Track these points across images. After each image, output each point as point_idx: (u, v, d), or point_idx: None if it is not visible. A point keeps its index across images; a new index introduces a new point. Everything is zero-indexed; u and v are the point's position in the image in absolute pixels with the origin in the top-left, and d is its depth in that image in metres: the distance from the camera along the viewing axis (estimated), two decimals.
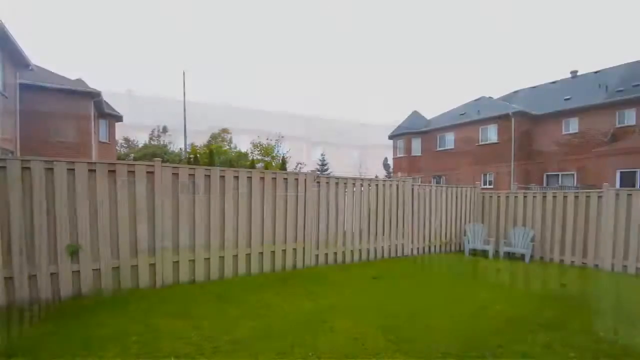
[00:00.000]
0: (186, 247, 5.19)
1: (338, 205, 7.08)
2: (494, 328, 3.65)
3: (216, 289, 4.91)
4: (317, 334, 3.36)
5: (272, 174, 6.21)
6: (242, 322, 3.65)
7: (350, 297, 4.70)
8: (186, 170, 5.24)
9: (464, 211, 9.61)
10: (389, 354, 2.98)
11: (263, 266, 6.01)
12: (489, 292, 5.10)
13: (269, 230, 6.07)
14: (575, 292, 5.22)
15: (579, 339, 3.39)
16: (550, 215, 8.03)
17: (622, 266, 6.83)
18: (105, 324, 3.51)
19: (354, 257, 7.36)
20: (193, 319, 3.72)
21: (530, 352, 3.08)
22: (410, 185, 8.45)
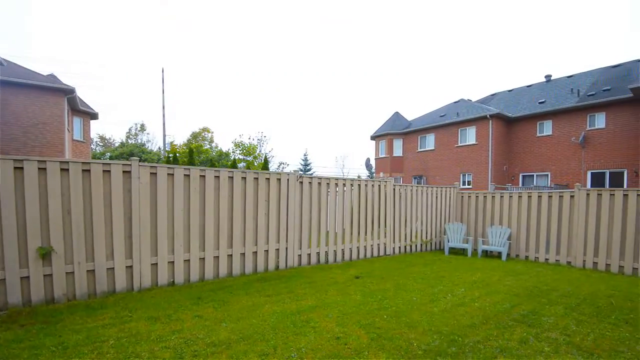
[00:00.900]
0: (165, 249, 5.07)
1: (321, 205, 7.09)
2: (472, 324, 3.74)
3: (196, 292, 4.82)
4: (300, 335, 3.35)
5: (254, 173, 6.15)
6: (223, 324, 3.60)
7: (333, 297, 4.71)
8: (164, 170, 5.12)
9: (444, 211, 9.82)
10: (372, 352, 3.01)
11: (245, 267, 5.94)
12: (467, 290, 5.23)
13: (251, 231, 6.01)
14: (548, 288, 5.42)
15: (553, 334, 3.52)
16: (526, 215, 8.31)
17: (593, 263, 7.15)
18: (79, 330, 3.38)
19: (337, 257, 7.38)
20: (172, 322, 3.64)
21: (507, 347, 3.17)
22: (392, 185, 8.55)
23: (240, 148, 23.07)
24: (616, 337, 3.46)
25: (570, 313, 4.20)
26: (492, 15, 75.93)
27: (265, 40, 78.42)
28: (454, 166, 22.01)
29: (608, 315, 4.12)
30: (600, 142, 17.12)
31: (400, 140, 25.81)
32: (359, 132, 78.85)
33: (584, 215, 7.30)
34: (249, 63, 77.44)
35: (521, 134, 20.45)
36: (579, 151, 17.86)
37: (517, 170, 20.58)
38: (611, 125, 16.79)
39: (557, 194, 7.81)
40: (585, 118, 17.74)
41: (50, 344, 3.04)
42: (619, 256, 6.78)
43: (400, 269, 6.71)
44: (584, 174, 17.63)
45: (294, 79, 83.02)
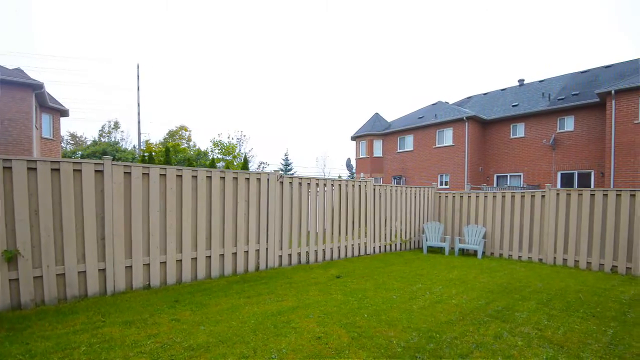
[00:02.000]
0: (140, 251, 4.92)
1: (301, 205, 7.07)
2: (449, 321, 3.83)
3: (173, 295, 4.70)
4: (281, 336, 3.32)
5: (233, 173, 6.06)
6: (201, 327, 3.52)
7: (314, 297, 4.70)
8: (139, 170, 4.96)
9: (423, 210, 10.01)
10: (352, 351, 3.02)
11: (224, 269, 5.84)
12: (445, 287, 5.35)
13: (230, 232, 5.92)
14: (521, 284, 5.61)
15: (525, 328, 3.65)
16: (500, 214, 8.60)
17: (563, 259, 7.47)
18: (48, 336, 3.22)
19: (318, 257, 7.39)
20: (148, 326, 3.52)
21: (482, 342, 3.26)
22: (372, 185, 8.64)
23: (219, 147, 22.69)
24: (584, 330, 3.62)
25: (542, 308, 4.37)
26: (468, 20, 78.19)
27: (245, 40, 77.56)
28: (432, 167, 22.49)
29: (577, 310, 4.31)
30: (569, 144, 17.94)
31: (380, 141, 26.13)
32: (339, 132, 79.26)
33: (554, 214, 7.62)
34: (228, 62, 76.43)
35: (496, 136, 21.15)
36: (549, 153, 18.64)
37: (491, 170, 21.26)
38: (579, 128, 17.63)
39: (529, 194, 8.12)
40: (555, 121, 18.54)
41: (16, 352, 2.88)
42: (586, 253, 7.12)
43: (381, 268, 6.79)
44: (555, 174, 18.43)
45: (274, 78, 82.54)
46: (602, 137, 16.53)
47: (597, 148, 16.83)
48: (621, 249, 6.69)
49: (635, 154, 14.47)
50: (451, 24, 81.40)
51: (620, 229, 6.72)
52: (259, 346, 3.09)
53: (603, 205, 6.94)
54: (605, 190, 6.95)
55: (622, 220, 6.70)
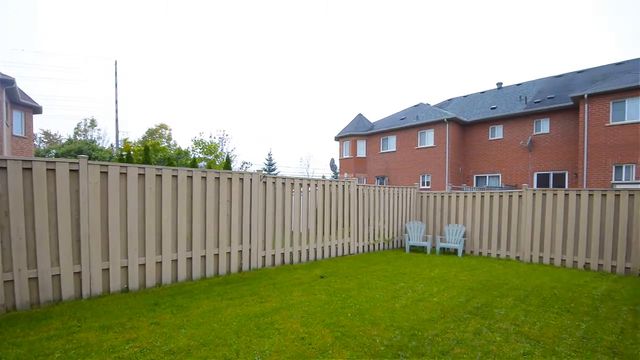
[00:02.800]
0: (117, 253, 4.77)
1: (285, 205, 7.04)
2: (431, 318, 3.89)
3: (153, 297, 4.58)
4: (264, 337, 3.29)
5: (215, 173, 5.96)
6: (182, 330, 3.44)
7: (298, 297, 4.68)
8: (117, 169, 4.81)
9: (405, 210, 10.15)
10: (336, 351, 3.02)
11: (206, 270, 5.74)
12: (426, 286, 5.43)
13: (212, 233, 5.82)
14: (500, 282, 5.77)
15: (504, 324, 3.75)
16: (479, 213, 8.81)
17: (539, 257, 7.73)
18: (20, 343, 3.08)
19: (302, 258, 7.36)
20: (126, 330, 3.42)
21: (463, 339, 3.33)
22: (356, 185, 8.69)
23: (201, 146, 22.25)
24: (559, 325, 3.75)
25: (519, 304, 4.50)
26: (449, 24, 79.88)
27: (226, 39, 76.66)
28: (414, 167, 22.83)
29: (552, 305, 4.46)
30: (545, 145, 18.59)
31: (363, 142, 26.33)
32: (323, 132, 79.40)
33: (531, 214, 7.88)
34: (209, 60, 75.28)
35: (475, 138, 21.68)
36: (526, 154, 19.26)
37: (471, 171, 21.77)
38: (554, 130, 18.29)
39: (507, 194, 8.36)
40: (532, 123, 19.17)
41: None
42: (561, 251, 7.39)
43: (364, 268, 6.83)
44: (531, 175, 19.05)
45: (258, 78, 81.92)
46: (575, 139, 17.21)
47: (571, 150, 17.50)
48: (593, 246, 6.98)
49: (606, 156, 15.13)
50: (433, 27, 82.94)
51: (593, 228, 7.00)
52: (241, 348, 3.05)
53: (576, 204, 7.22)
54: (579, 190, 7.23)
55: (594, 219, 6.98)
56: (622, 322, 3.88)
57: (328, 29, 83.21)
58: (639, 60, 18.88)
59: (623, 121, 14.75)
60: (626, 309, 4.37)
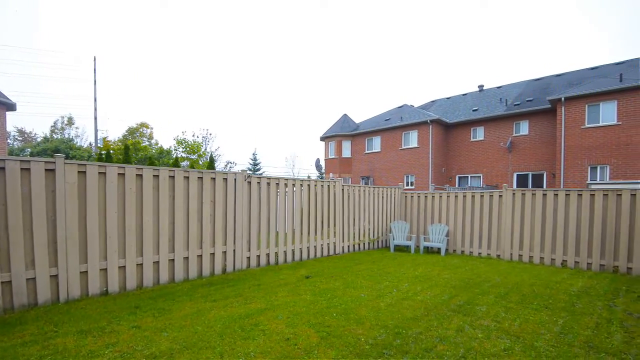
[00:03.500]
0: (96, 255, 4.63)
1: (270, 205, 6.99)
2: (415, 316, 3.94)
3: (134, 300, 4.46)
4: (249, 339, 3.25)
5: (198, 173, 5.86)
6: (164, 334, 3.36)
7: (283, 298, 4.66)
8: (95, 169, 4.66)
9: (390, 210, 10.24)
10: (321, 351, 3.02)
11: (189, 272, 5.64)
12: (411, 284, 5.50)
13: (195, 233, 5.73)
14: (481, 280, 5.90)
15: (485, 321, 3.83)
16: (461, 213, 8.99)
17: (519, 255, 7.94)
18: None
19: (287, 258, 7.33)
20: (106, 335, 3.32)
21: (446, 336, 3.38)
22: (341, 185, 8.72)
23: (183, 146, 21.77)
24: (538, 321, 3.86)
25: (500, 301, 4.61)
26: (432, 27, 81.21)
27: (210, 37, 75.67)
28: (398, 168, 23.10)
29: (531, 302, 4.59)
30: (524, 147, 19.13)
31: (348, 142, 26.46)
32: (309, 132, 79.37)
33: (511, 213, 8.09)
34: (192, 58, 74.09)
35: (458, 139, 22.11)
36: (506, 155, 19.77)
37: (454, 171, 22.19)
38: (533, 132, 18.85)
39: (488, 193, 8.55)
40: (512, 125, 19.70)
41: None
42: (539, 249, 7.62)
43: (349, 267, 6.86)
44: (511, 175, 19.57)
45: (242, 77, 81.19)
46: (553, 141, 17.78)
47: (549, 151, 18.07)
48: (570, 244, 7.22)
49: (582, 157, 15.70)
50: (417, 30, 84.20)
51: (569, 226, 7.25)
52: (225, 351, 3.00)
53: (554, 204, 7.46)
54: (556, 190, 7.46)
55: (570, 218, 7.23)
56: (597, 317, 4.02)
57: (314, 30, 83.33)
58: (612, 65, 19.69)
59: (598, 124, 15.34)
60: (601, 305, 4.53)
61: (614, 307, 4.45)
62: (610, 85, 15.05)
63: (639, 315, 4.12)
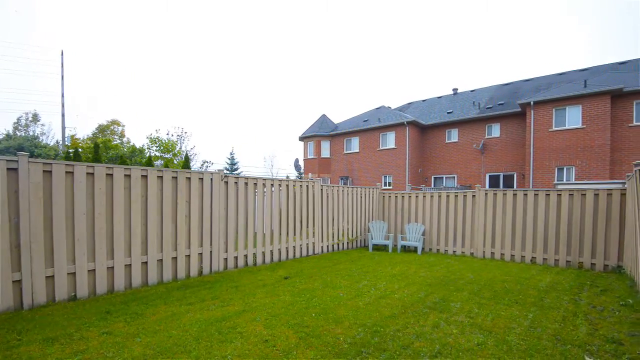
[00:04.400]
0: (63, 258, 4.41)
1: (248, 205, 6.90)
2: (392, 314, 3.99)
3: (104, 305, 4.28)
4: (226, 342, 3.19)
5: (172, 172, 5.70)
6: (136, 339, 3.24)
7: (261, 299, 4.60)
8: (62, 168, 4.44)
9: (368, 210, 10.35)
10: (300, 351, 3.00)
11: (163, 275, 5.47)
12: (388, 283, 5.57)
13: (170, 235, 5.57)
14: (456, 277, 6.06)
15: (459, 317, 3.94)
16: (437, 212, 9.21)
17: (491, 253, 8.22)
18: None
19: (265, 259, 7.26)
20: (74, 342, 3.16)
21: (422, 332, 3.45)
22: (320, 186, 8.73)
23: (157, 144, 21.08)
24: (509, 316, 4.01)
25: (473, 298, 4.76)
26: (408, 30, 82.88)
27: (185, 34, 73.99)
28: (376, 168, 23.39)
29: (503, 298, 4.76)
30: (496, 149, 19.85)
31: (327, 142, 26.54)
32: (287, 132, 78.96)
33: (483, 212, 8.36)
34: (166, 55, 72.13)
35: (433, 140, 22.65)
36: (479, 156, 20.43)
37: (430, 172, 22.72)
38: (504, 134, 19.58)
39: (462, 194, 8.81)
40: (484, 128, 20.38)
41: None
42: (510, 246, 7.92)
43: (328, 267, 6.87)
44: (484, 176, 20.24)
45: (219, 75, 79.82)
46: (523, 143, 18.53)
47: (519, 152, 18.82)
48: (539, 242, 7.55)
49: (550, 158, 16.45)
50: (394, 32, 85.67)
51: (538, 225, 7.57)
52: (202, 354, 2.93)
53: (523, 204, 7.77)
54: (526, 190, 7.79)
55: (539, 217, 7.56)
56: (563, 311, 4.22)
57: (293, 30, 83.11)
58: (577, 71, 20.77)
59: (564, 127, 16.12)
60: (567, 299, 4.76)
61: (579, 301, 4.68)
62: (576, 90, 15.86)
63: (602, 308, 4.36)
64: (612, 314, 4.11)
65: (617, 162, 15.11)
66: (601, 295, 4.96)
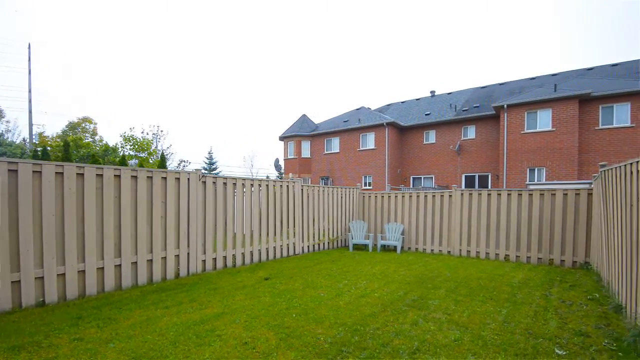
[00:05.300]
0: (30, 262, 4.19)
1: (226, 206, 6.79)
2: (372, 313, 4.03)
3: (75, 310, 4.10)
4: (204, 345, 3.12)
5: (147, 171, 5.53)
6: (110, 345, 3.12)
7: (241, 301, 4.54)
8: (29, 167, 4.23)
9: (348, 210, 10.42)
10: (280, 352, 2.98)
11: (138, 278, 5.30)
12: (368, 282, 5.62)
13: (145, 236, 5.40)
14: (433, 275, 6.19)
15: (437, 314, 4.02)
16: (415, 212, 9.38)
17: (467, 251, 8.45)
18: None
19: (245, 260, 7.17)
20: (42, 349, 3.01)
21: (401, 330, 3.50)
22: (300, 186, 8.71)
23: (131, 143, 20.38)
24: (484, 312, 4.13)
25: (450, 295, 4.87)
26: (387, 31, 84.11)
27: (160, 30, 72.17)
28: (356, 168, 23.59)
29: (478, 294, 4.90)
30: (472, 150, 20.44)
31: (308, 142, 26.53)
32: (267, 132, 78.39)
33: (459, 212, 8.59)
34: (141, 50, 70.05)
35: (411, 141, 23.08)
36: (455, 157, 20.98)
37: (408, 173, 23.13)
38: (479, 136, 20.19)
39: (439, 194, 9.01)
40: (460, 129, 20.95)
41: None
42: (485, 245, 8.17)
43: (309, 267, 6.86)
44: (460, 176, 20.80)
45: (197, 72, 78.32)
46: (497, 145, 19.17)
47: (493, 154, 19.46)
48: (512, 240, 7.82)
49: (522, 160, 17.10)
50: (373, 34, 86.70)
51: (511, 223, 7.85)
52: (179, 359, 2.85)
53: (497, 203, 8.04)
54: (499, 190, 8.05)
55: (512, 216, 7.83)
56: (535, 306, 4.39)
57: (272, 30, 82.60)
58: (549, 76, 21.70)
59: (536, 129, 16.80)
60: (539, 294, 4.96)
61: (549, 296, 4.89)
62: (547, 94, 16.56)
63: (571, 302, 4.56)
64: (580, 308, 4.31)
65: (585, 163, 15.89)
66: (570, 291, 5.19)
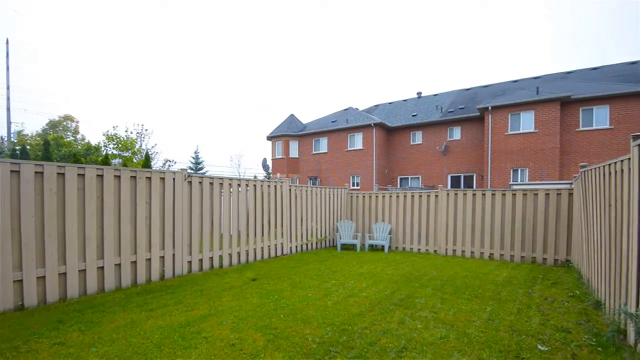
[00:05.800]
0: (9, 265, 4.05)
1: (213, 206, 6.71)
2: (360, 312, 4.05)
3: (56, 314, 3.98)
4: (190, 348, 3.07)
5: (130, 171, 5.41)
6: (92, 349, 3.04)
7: (228, 302, 4.49)
8: (7, 166, 4.08)
9: (336, 210, 10.44)
10: (268, 353, 2.95)
11: (121, 280, 5.19)
12: (356, 282, 5.64)
13: (128, 238, 5.28)
14: (420, 274, 6.26)
15: (424, 313, 4.07)
16: (402, 212, 9.47)
17: (452, 250, 8.57)
18: None
19: (232, 261, 7.10)
20: (21, 355, 2.91)
21: (388, 329, 3.52)
22: (288, 186, 8.68)
23: (115, 142, 19.91)
24: (469, 310, 4.19)
25: (437, 293, 4.93)
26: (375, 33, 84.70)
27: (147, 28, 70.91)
28: (344, 168, 23.66)
29: (463, 293, 4.97)
30: (457, 151, 20.76)
31: (296, 142, 26.47)
32: (255, 131, 77.85)
33: (445, 211, 8.71)
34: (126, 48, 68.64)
35: (399, 142, 23.30)
36: (441, 158, 21.28)
37: (396, 173, 23.33)
38: (464, 137, 20.53)
39: (426, 194, 9.12)
40: (446, 130, 21.26)
41: None
42: (470, 244, 8.30)
43: (297, 268, 6.84)
44: (446, 176, 21.10)
45: (183, 71, 77.23)
46: (482, 145, 19.53)
47: (478, 154, 19.81)
48: (496, 239, 7.98)
49: (506, 160, 17.46)
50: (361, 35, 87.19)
51: (495, 222, 8.00)
52: None
53: (482, 203, 8.18)
54: (484, 190, 8.20)
55: (496, 215, 7.99)
56: (518, 304, 4.48)
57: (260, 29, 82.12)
58: (531, 79, 22.22)
59: (518, 131, 17.18)
60: (522, 292, 5.07)
61: (532, 293, 5.00)
62: (529, 97, 16.96)
63: (553, 299, 4.68)
64: (561, 305, 4.42)
65: (566, 164, 16.34)
66: (552, 288, 5.32)
